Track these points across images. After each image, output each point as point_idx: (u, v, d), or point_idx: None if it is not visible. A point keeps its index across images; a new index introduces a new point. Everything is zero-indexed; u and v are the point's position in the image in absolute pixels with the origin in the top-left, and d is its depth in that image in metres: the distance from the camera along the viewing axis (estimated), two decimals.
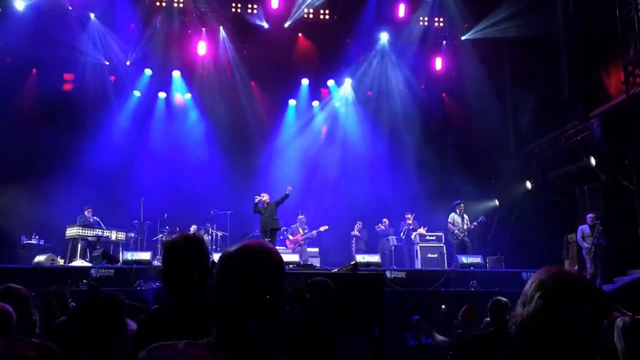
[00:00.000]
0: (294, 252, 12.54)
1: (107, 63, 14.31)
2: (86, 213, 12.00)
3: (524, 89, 13.54)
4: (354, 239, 13.74)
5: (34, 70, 13.91)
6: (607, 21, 11.29)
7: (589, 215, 11.00)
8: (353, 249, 13.48)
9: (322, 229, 13.18)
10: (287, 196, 11.76)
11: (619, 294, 9.15)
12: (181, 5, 13.91)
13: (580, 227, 11.08)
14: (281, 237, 13.13)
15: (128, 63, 14.40)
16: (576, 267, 10.90)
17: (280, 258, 1.48)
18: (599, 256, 10.76)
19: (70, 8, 13.36)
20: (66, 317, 2.58)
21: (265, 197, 11.82)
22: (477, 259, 11.38)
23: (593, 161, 11.52)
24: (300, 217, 13.47)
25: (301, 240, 13.09)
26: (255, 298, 1.39)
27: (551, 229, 12.89)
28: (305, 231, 13.22)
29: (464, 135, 14.64)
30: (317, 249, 13.51)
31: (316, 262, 12.37)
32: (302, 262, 11.39)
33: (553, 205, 13.19)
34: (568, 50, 12.47)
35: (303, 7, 13.96)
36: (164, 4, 13.82)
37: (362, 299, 8.24)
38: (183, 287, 2.34)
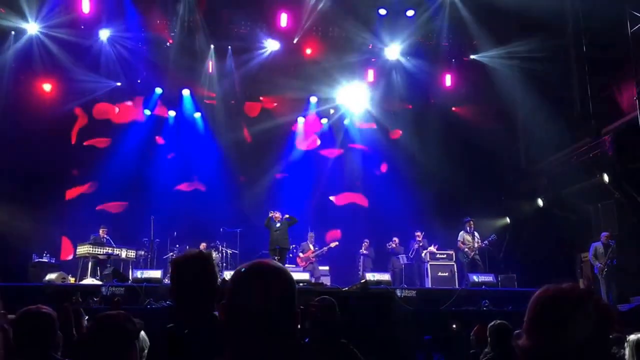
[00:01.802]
0: (305, 270, 12.48)
1: (119, 84, 14.46)
2: (101, 232, 12.06)
3: (534, 106, 13.48)
4: (362, 257, 13.64)
5: (47, 88, 14.05)
6: (618, 37, 11.26)
7: (604, 234, 10.83)
8: (360, 268, 13.39)
9: (332, 245, 13.11)
10: (295, 220, 11.88)
11: (635, 313, 8.98)
12: (191, 24, 14.06)
13: (593, 245, 10.92)
14: (290, 255, 13.09)
15: (139, 81, 14.55)
16: (592, 287, 10.70)
17: (292, 277, 1.46)
18: (612, 276, 10.57)
19: (82, 27, 13.57)
20: (82, 336, 2.60)
21: (277, 214, 11.87)
22: (488, 278, 11.25)
23: (606, 178, 11.40)
24: (310, 234, 13.41)
25: (312, 258, 12.98)
26: (270, 316, 1.37)
27: (564, 247, 12.73)
28: (316, 248, 13.15)
29: (475, 152, 14.56)
30: (327, 267, 13.45)
31: (326, 280, 12.31)
32: (312, 280, 11.33)
33: (566, 223, 13.04)
34: (579, 66, 12.44)
35: (311, 24, 14.05)
36: (174, 23, 13.98)
37: (372, 317, 8.15)
38: (193, 305, 2.31)
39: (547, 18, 12.29)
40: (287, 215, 12.04)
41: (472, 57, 14.69)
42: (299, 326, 1.46)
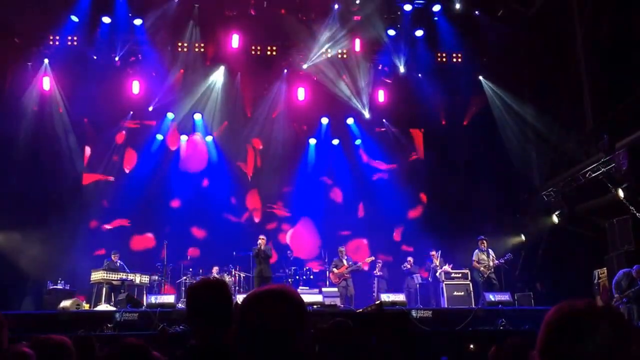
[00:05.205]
0: (338, 286, 12.31)
1: (132, 113, 14.67)
2: (113, 257, 12.14)
3: (546, 121, 13.43)
4: (376, 278, 13.50)
5: (60, 110, 14.22)
6: (630, 49, 11.19)
7: (636, 267, 9.93)
8: (374, 289, 13.25)
9: (367, 260, 12.82)
10: (270, 255, 12.06)
11: None
12: (202, 50, 14.27)
13: (623, 271, 10.17)
14: (297, 278, 13.01)
15: (150, 109, 14.73)
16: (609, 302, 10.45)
17: (302, 300, 1.47)
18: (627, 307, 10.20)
19: (95, 57, 13.83)
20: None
21: (263, 240, 11.94)
22: (505, 297, 11.07)
23: (621, 193, 11.25)
24: (340, 249, 13.03)
25: (346, 274, 12.52)
26: (280, 339, 1.37)
27: (581, 263, 12.53)
28: (350, 263, 12.77)
29: (488, 170, 14.49)
30: (336, 289, 13.30)
31: (337, 301, 12.16)
32: (332, 302, 11.21)
33: (582, 239, 12.85)
34: (590, 80, 12.37)
35: (323, 47, 14.20)
36: (185, 49, 14.19)
37: (387, 339, 8.05)
38: (206, 331, 2.33)
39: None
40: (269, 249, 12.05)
41: (480, 77, 14.76)
42: (309, 347, 1.45)
